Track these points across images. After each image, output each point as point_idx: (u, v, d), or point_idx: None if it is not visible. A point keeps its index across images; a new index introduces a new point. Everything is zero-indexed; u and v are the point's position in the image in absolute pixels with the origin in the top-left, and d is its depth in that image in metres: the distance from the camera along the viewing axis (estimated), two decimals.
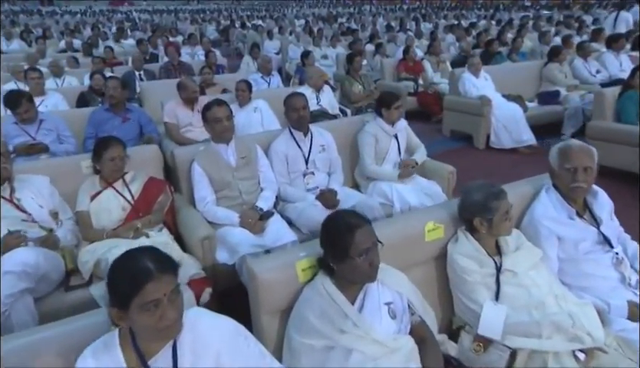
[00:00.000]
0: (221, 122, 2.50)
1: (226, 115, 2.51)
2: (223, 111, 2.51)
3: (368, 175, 3.03)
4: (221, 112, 2.51)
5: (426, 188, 2.87)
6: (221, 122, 2.50)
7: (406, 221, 1.72)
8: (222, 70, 6.44)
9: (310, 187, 2.79)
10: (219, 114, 2.50)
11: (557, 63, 5.53)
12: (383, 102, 3.02)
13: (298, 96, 2.77)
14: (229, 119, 2.53)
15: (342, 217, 1.42)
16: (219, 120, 2.50)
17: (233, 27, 16.05)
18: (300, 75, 5.91)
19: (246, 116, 4.04)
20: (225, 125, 2.50)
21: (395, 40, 9.39)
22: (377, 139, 3.02)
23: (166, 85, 5.19)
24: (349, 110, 4.66)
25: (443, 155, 4.88)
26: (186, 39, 9.49)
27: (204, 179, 2.54)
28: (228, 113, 2.53)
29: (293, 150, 2.80)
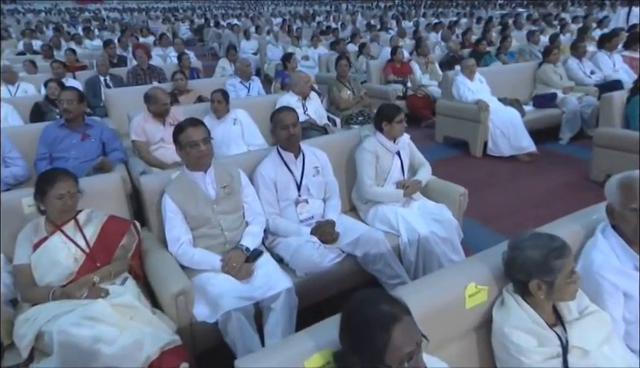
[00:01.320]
0: (197, 146, 2.07)
1: (203, 137, 2.09)
2: (200, 133, 2.09)
3: (369, 198, 2.65)
4: (197, 134, 2.08)
5: (435, 213, 2.51)
6: (197, 146, 2.07)
7: (439, 283, 1.33)
8: (196, 74, 5.95)
9: (304, 217, 2.39)
10: (194, 137, 2.07)
11: (551, 63, 5.28)
12: (383, 115, 2.64)
13: (288, 111, 2.36)
14: (206, 142, 2.10)
15: (371, 303, 1.01)
16: (194, 145, 2.07)
17: (208, 26, 15.45)
18: (282, 79, 5.48)
19: (224, 129, 3.61)
20: (203, 150, 2.07)
21: (378, 39, 9.05)
22: (377, 157, 2.64)
23: (135, 92, 4.68)
24: (338, 117, 4.27)
25: (438, 163, 4.53)
26: (158, 40, 8.91)
27: (178, 215, 2.11)
28: (205, 135, 2.10)
29: (283, 175, 2.39)
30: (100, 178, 2.27)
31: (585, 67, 5.48)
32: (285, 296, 1.95)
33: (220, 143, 3.56)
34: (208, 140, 2.10)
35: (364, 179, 2.62)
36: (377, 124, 2.69)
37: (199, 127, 2.10)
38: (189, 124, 2.10)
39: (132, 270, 2.02)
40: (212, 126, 3.61)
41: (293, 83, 3.93)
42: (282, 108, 2.40)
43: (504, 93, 5.02)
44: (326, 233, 2.25)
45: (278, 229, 2.34)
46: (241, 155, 2.62)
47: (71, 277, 1.82)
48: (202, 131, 2.09)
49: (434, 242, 2.38)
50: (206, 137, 2.09)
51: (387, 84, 5.94)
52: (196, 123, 2.11)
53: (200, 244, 2.13)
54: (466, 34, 8.32)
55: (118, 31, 12.02)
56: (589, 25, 8.42)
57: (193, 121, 2.13)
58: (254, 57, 9.91)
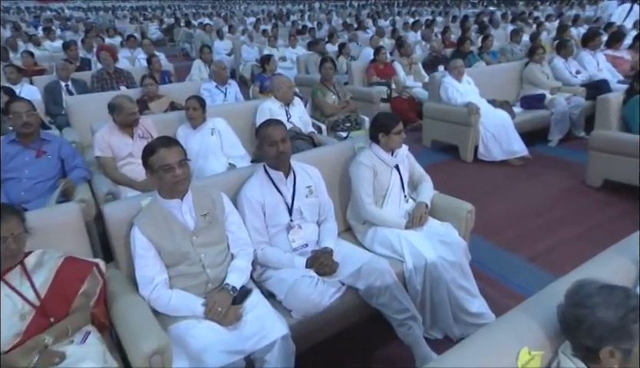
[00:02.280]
0: (172, 170, 1.75)
1: (179, 160, 1.77)
2: (174, 155, 1.76)
3: (367, 219, 2.38)
4: (171, 156, 1.76)
5: (441, 234, 2.26)
6: (172, 170, 1.75)
7: (485, 350, 1.07)
8: (168, 78, 5.55)
9: (297, 245, 2.10)
10: (168, 160, 1.75)
11: (538, 63, 5.14)
12: (380, 126, 2.38)
13: (276, 125, 2.06)
14: (182, 166, 1.78)
15: None
16: (169, 169, 1.75)
17: (178, 26, 14.88)
18: (260, 82, 5.16)
19: (201, 140, 3.28)
20: (178, 174, 1.75)
21: (356, 39, 8.82)
22: (375, 173, 2.37)
23: (100, 99, 4.25)
24: (323, 124, 3.99)
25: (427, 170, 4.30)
26: (125, 40, 8.40)
27: (150, 251, 1.78)
28: (181, 157, 1.78)
29: (272, 197, 2.09)
30: (53, 210, 1.91)
31: (570, 67, 5.38)
32: (281, 345, 1.67)
33: (197, 155, 3.24)
34: (184, 163, 1.78)
35: (362, 197, 2.35)
36: (374, 135, 2.42)
37: (174, 148, 1.78)
38: (162, 144, 1.78)
39: (95, 319, 1.69)
40: (187, 137, 3.29)
41: (274, 88, 3.63)
42: (269, 122, 2.09)
43: (491, 95, 4.85)
44: (324, 265, 1.97)
45: (268, 261, 2.04)
46: (222, 175, 2.30)
47: (17, 339, 1.47)
48: (177, 152, 1.77)
49: (443, 268, 2.14)
50: (182, 159, 1.77)
51: (371, 86, 5.70)
52: (170, 143, 1.79)
53: (178, 284, 1.81)
54: (445, 34, 8.18)
55: (82, 31, 11.36)
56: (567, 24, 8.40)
57: (166, 141, 1.81)
58: (228, 57, 9.52)
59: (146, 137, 3.11)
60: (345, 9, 23.45)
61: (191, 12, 22.17)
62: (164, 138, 1.84)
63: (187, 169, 1.80)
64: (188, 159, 1.82)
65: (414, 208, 2.38)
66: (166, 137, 1.87)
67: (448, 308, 2.15)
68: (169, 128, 3.39)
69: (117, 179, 2.95)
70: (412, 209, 2.41)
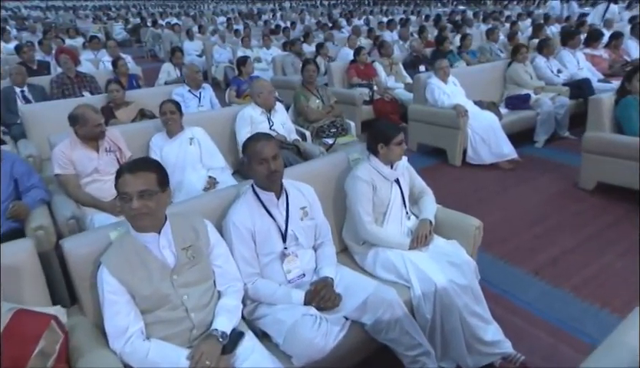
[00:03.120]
0: (129, 202, 1.46)
1: (139, 190, 1.44)
2: (137, 182, 1.46)
3: (367, 240, 2.16)
4: (131, 184, 1.45)
5: (449, 254, 2.06)
6: (129, 202, 1.46)
7: None
8: (136, 82, 5.17)
9: (293, 276, 1.85)
10: (127, 187, 1.46)
11: (521, 63, 5.06)
12: (379, 136, 2.16)
13: (267, 140, 1.80)
14: (145, 197, 1.45)
15: None
16: (126, 199, 1.47)
17: (145, 26, 14.28)
18: (237, 86, 4.85)
19: (179, 151, 2.99)
20: (135, 207, 1.44)
21: (332, 39, 8.61)
22: (374, 188, 2.15)
23: (60, 107, 3.87)
24: (307, 131, 3.74)
25: None
26: (87, 42, 7.89)
27: (122, 296, 1.50)
28: (144, 187, 1.45)
29: (262, 222, 1.83)
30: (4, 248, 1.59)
31: (552, 66, 5.33)
32: None
33: (174, 167, 2.95)
34: (150, 195, 1.47)
35: (362, 216, 2.12)
36: (372, 147, 2.20)
37: (139, 174, 1.47)
38: (127, 169, 1.49)
39: None
40: (163, 147, 3.00)
41: (255, 92, 3.35)
42: (258, 136, 1.83)
43: (474, 95, 4.73)
44: (326, 299, 1.73)
45: (260, 296, 1.79)
46: (204, 197, 2.01)
47: None
48: (141, 181, 1.46)
49: (454, 293, 1.93)
50: (143, 190, 1.46)
51: (352, 88, 5.49)
52: (136, 169, 1.48)
53: (156, 333, 1.53)
54: (422, 33, 8.07)
55: (40, 31, 10.68)
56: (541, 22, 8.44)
57: (134, 165, 1.51)
58: (199, 59, 9.13)
59: (114, 150, 2.79)
60: (316, 8, 23.24)
61: (158, 11, 21.41)
62: (136, 162, 1.55)
63: (156, 202, 1.50)
64: (162, 189, 1.53)
65: (418, 226, 2.17)
66: (141, 160, 1.59)
67: (461, 337, 1.95)
68: (140, 138, 3.07)
69: (80, 199, 2.62)
70: (415, 227, 2.21)
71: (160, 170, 1.57)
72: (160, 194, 1.52)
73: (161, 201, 1.54)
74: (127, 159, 2.84)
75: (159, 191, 1.52)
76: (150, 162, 1.57)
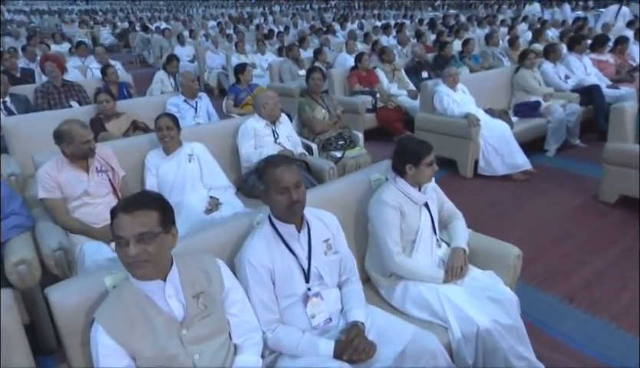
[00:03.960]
0: (125, 247, 1.22)
1: (137, 233, 1.20)
2: (134, 225, 1.21)
3: (395, 272, 1.92)
4: (127, 226, 1.21)
5: (489, 288, 1.84)
6: (125, 247, 1.22)
7: None
8: (126, 91, 4.88)
9: (318, 322, 1.61)
10: (122, 230, 1.22)
11: (529, 69, 4.89)
12: (408, 155, 1.93)
13: (287, 166, 1.56)
14: (144, 241, 1.21)
15: None
16: (122, 243, 1.23)
17: (133, 30, 13.94)
18: (235, 94, 4.60)
19: (177, 169, 2.73)
20: (132, 254, 1.20)
21: (328, 44, 8.39)
22: (402, 214, 1.92)
23: (46, 119, 3.61)
24: (313, 143, 3.50)
25: None
26: (74, 47, 7.56)
27: (122, 360, 1.24)
28: (142, 229, 1.21)
29: (282, 259, 1.59)
30: None
31: (559, 72, 5.17)
32: None
33: (172, 187, 2.71)
34: (149, 238, 1.23)
35: (389, 246, 1.89)
36: (398, 167, 1.97)
37: (136, 214, 1.23)
38: (122, 208, 1.24)
39: None
40: (159, 165, 2.74)
41: (259, 103, 3.11)
42: (277, 161, 1.58)
43: (482, 103, 4.54)
44: (360, 351, 1.49)
45: (282, 346, 1.54)
46: (212, 231, 1.74)
47: None
48: (139, 222, 1.22)
49: (499, 335, 1.71)
50: (142, 233, 1.22)
51: (353, 95, 5.28)
52: (134, 207, 1.24)
53: None
54: (421, 38, 7.90)
55: (24, 37, 10.29)
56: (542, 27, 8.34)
57: (131, 201, 1.27)
58: (191, 64, 8.84)
59: (105, 170, 2.52)
60: (307, 12, 23.07)
61: (146, 16, 21.04)
62: (133, 198, 1.29)
63: (158, 246, 1.25)
64: (165, 230, 1.28)
65: (450, 256, 1.95)
66: (139, 196, 1.33)
67: None
68: (134, 156, 2.81)
69: (69, 225, 2.34)
70: (446, 256, 1.98)
71: (162, 207, 1.32)
72: (162, 236, 1.27)
73: (165, 244, 1.29)
74: (120, 179, 2.58)
75: (161, 232, 1.27)
76: (149, 198, 1.32)
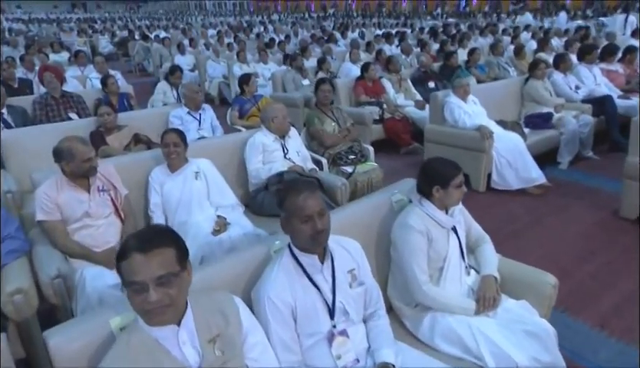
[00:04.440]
0: (143, 292, 1.08)
1: (157, 276, 1.07)
2: (152, 267, 1.08)
3: (421, 303, 1.78)
4: (146, 269, 1.07)
5: (525, 321, 1.69)
6: (143, 292, 1.08)
7: None
8: (127, 102, 4.75)
9: (345, 363, 1.46)
10: (140, 274, 1.07)
11: (540, 79, 4.79)
12: (435, 176, 1.81)
13: (310, 193, 1.42)
14: (164, 284, 1.08)
15: None
16: (139, 289, 1.08)
17: (133, 39, 13.85)
18: (239, 106, 4.47)
19: (183, 187, 2.59)
20: (152, 300, 1.07)
21: (331, 53, 8.31)
22: (429, 239, 1.78)
23: (45, 132, 3.50)
24: (323, 158, 3.36)
25: None
26: (73, 57, 7.44)
27: None
28: (163, 271, 1.09)
29: (305, 295, 1.45)
30: None
31: (569, 82, 5.07)
32: None
33: (177, 205, 2.57)
34: (170, 280, 1.10)
35: (416, 274, 1.75)
36: (425, 189, 1.84)
37: (155, 254, 1.09)
38: (136, 247, 1.09)
39: None
40: (164, 183, 2.60)
41: (268, 117, 2.98)
42: (298, 187, 1.44)
43: (492, 114, 4.42)
44: None
45: None
46: (224, 262, 1.57)
47: None
48: (157, 263, 1.08)
49: None
50: (162, 275, 1.09)
51: (359, 106, 5.16)
52: (150, 246, 1.09)
53: None
54: (424, 47, 7.82)
55: (23, 46, 10.17)
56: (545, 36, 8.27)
57: (147, 239, 1.12)
58: (192, 74, 8.73)
59: (107, 189, 2.38)
60: (306, 21, 23.09)
61: (145, 24, 20.99)
62: (147, 236, 1.14)
63: (178, 287, 1.12)
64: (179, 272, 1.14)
65: (481, 285, 1.81)
66: (152, 232, 1.17)
67: None
68: (137, 173, 2.67)
69: (69, 249, 2.20)
70: (475, 284, 1.84)
71: (177, 242, 1.18)
72: (181, 274, 1.14)
73: (184, 284, 1.15)
74: (123, 198, 2.43)
75: (180, 271, 1.13)
76: (163, 233, 1.17)
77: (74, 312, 2.05)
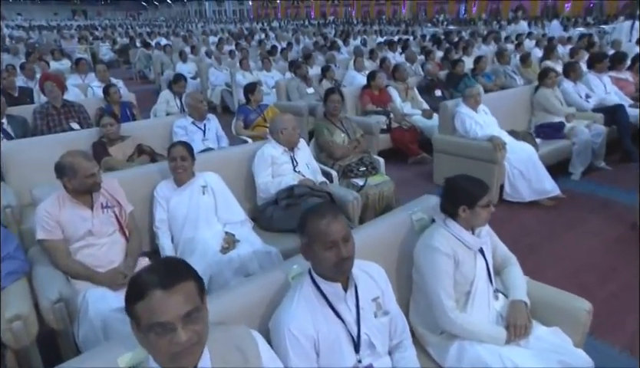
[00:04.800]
0: (171, 333, 0.98)
1: (184, 312, 0.98)
2: (179, 304, 0.98)
3: (448, 330, 1.67)
4: (172, 307, 0.97)
5: (558, 350, 1.59)
6: (171, 333, 0.98)
7: None
8: (129, 111, 4.66)
9: None
10: (165, 314, 0.97)
11: (550, 88, 4.70)
12: (462, 196, 1.70)
13: (333, 217, 1.31)
14: (193, 321, 0.99)
15: None
16: (165, 331, 0.97)
17: (134, 46, 13.79)
18: (245, 116, 4.37)
19: (190, 203, 2.49)
20: (182, 340, 0.97)
21: (334, 60, 8.22)
22: (456, 262, 1.68)
23: (46, 144, 3.41)
24: (333, 170, 3.26)
25: None
26: (74, 65, 7.35)
27: None
28: (191, 306, 0.99)
29: (328, 326, 1.34)
30: None
31: (580, 91, 4.99)
32: None
33: (184, 221, 2.47)
34: (196, 316, 1.00)
35: (443, 300, 1.64)
36: (450, 208, 1.74)
37: (177, 289, 0.99)
38: (158, 284, 0.98)
39: None
40: (170, 198, 2.49)
41: (277, 129, 2.88)
42: (322, 211, 1.34)
43: (501, 124, 4.32)
44: None
45: None
46: (239, 289, 1.45)
47: None
48: (183, 298, 0.98)
49: None
50: (190, 311, 0.99)
51: (366, 115, 5.07)
52: (173, 282, 0.99)
53: None
54: (429, 55, 7.75)
55: (23, 53, 10.10)
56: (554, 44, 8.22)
57: (166, 275, 1.00)
58: (193, 82, 8.65)
59: (111, 206, 2.27)
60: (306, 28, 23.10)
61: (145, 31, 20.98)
62: (165, 269, 1.03)
63: (203, 322, 1.02)
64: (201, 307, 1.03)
65: (511, 311, 1.70)
66: (170, 265, 1.06)
67: None
68: (142, 187, 2.57)
69: (71, 270, 2.08)
70: (504, 310, 1.73)
71: (195, 273, 1.08)
72: (203, 308, 1.04)
73: (206, 318, 1.05)
74: (128, 215, 2.32)
75: (202, 304, 1.03)
76: (182, 265, 1.07)
77: (75, 337, 1.94)
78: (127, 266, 2.17)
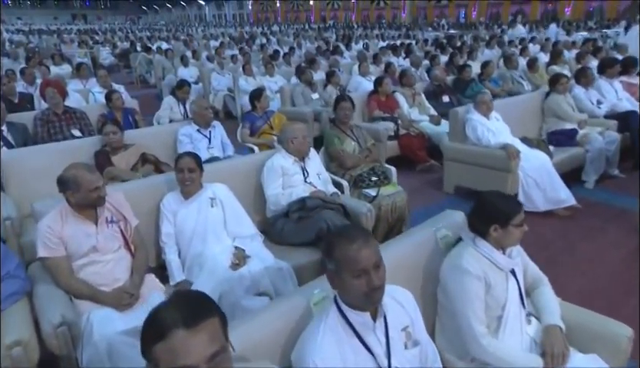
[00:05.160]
0: None
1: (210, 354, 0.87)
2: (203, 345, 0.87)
3: (479, 358, 1.56)
4: (196, 348, 0.87)
5: None
6: None
7: None
8: (132, 118, 4.54)
9: None
10: (189, 357, 0.86)
11: (561, 94, 4.61)
12: (494, 214, 1.60)
13: (364, 243, 1.20)
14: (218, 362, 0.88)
15: None
16: None
17: (134, 50, 13.70)
18: (251, 123, 4.27)
19: (198, 216, 2.39)
20: None
21: (337, 65, 8.14)
22: (487, 284, 1.57)
23: (48, 152, 3.32)
24: (344, 180, 3.15)
25: None
26: (75, 70, 7.25)
27: None
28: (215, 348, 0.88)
29: (357, 359, 1.24)
30: None
31: (591, 97, 4.89)
32: None
33: (192, 235, 2.36)
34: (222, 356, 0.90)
35: (474, 326, 1.53)
36: (480, 227, 1.63)
37: (201, 328, 0.88)
38: (180, 323, 0.87)
39: None
40: (177, 211, 2.38)
41: (287, 138, 2.77)
42: (351, 234, 1.23)
43: (512, 131, 4.23)
44: None
45: None
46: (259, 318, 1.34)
47: None
48: (207, 339, 0.88)
49: None
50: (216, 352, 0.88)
51: (373, 121, 4.97)
52: (195, 320, 0.88)
53: None
54: (434, 60, 7.66)
55: (23, 58, 10.00)
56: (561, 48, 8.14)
57: (188, 312, 0.90)
58: (195, 86, 8.54)
59: (117, 220, 2.16)
60: (307, 32, 23.06)
61: (146, 35, 20.92)
62: (187, 306, 0.91)
63: (229, 359, 0.92)
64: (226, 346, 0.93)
65: (547, 337, 1.59)
66: (192, 299, 0.94)
67: None
68: (148, 200, 2.45)
69: (74, 289, 1.97)
70: (537, 335, 1.63)
71: (218, 308, 0.97)
72: (228, 347, 0.93)
73: (231, 358, 0.94)
74: (133, 229, 2.21)
75: (226, 343, 0.93)
76: (205, 300, 0.96)
77: (79, 362, 1.83)
78: (133, 284, 2.06)
